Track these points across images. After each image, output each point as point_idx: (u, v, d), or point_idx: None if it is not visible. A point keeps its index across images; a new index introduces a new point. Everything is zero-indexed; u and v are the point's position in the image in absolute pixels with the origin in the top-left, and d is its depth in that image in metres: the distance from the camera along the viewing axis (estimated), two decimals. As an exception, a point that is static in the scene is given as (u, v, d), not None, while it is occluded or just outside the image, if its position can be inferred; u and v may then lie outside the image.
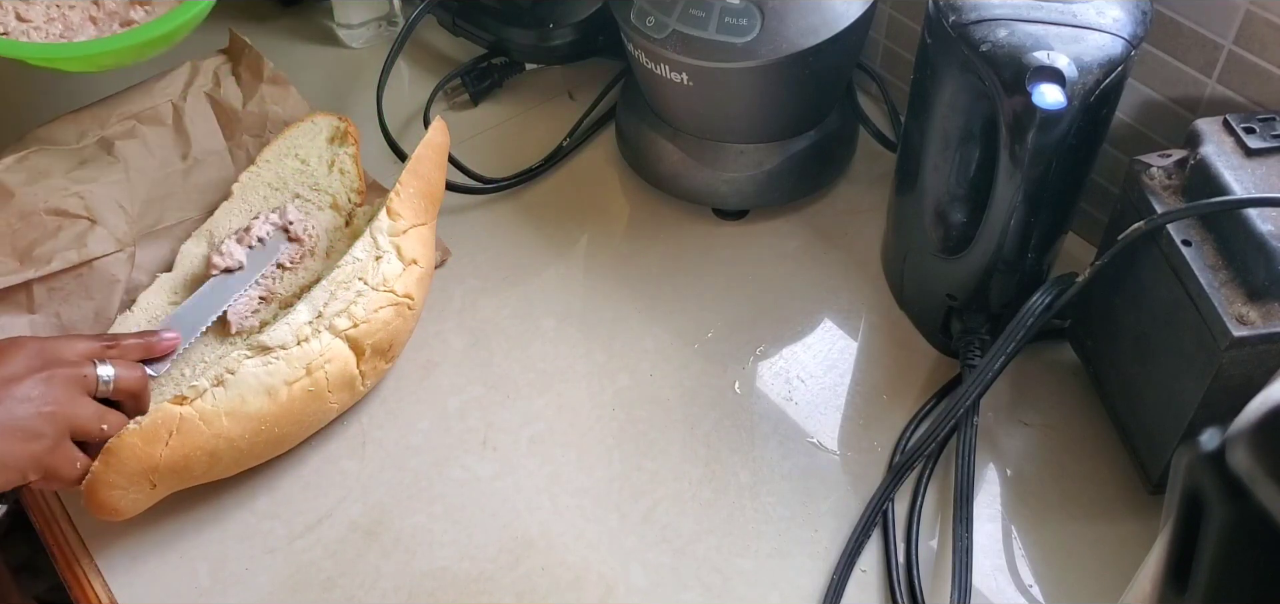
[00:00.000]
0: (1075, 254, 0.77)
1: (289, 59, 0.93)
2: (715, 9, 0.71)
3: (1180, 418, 0.59)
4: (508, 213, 0.83)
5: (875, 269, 0.79)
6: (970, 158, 0.65)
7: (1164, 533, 0.35)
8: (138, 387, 0.61)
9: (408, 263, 0.68)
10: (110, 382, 0.59)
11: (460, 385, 0.71)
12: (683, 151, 0.79)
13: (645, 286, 0.78)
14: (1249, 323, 0.54)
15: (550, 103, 0.93)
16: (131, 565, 0.62)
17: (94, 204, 0.71)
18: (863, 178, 0.86)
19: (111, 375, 0.59)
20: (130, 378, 0.60)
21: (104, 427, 0.58)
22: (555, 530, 0.64)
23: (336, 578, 0.62)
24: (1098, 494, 0.65)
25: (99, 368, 0.59)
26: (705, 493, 0.66)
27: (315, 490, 0.66)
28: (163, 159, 0.76)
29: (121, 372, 0.60)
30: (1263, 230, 0.55)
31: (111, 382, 0.59)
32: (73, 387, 0.57)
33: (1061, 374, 0.71)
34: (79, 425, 0.57)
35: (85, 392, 0.58)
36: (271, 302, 0.70)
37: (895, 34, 0.87)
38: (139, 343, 0.63)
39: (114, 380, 0.59)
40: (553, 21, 0.90)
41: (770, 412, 0.70)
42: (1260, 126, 0.59)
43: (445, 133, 0.74)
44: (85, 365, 0.58)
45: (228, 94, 0.81)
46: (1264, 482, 0.29)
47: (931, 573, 0.62)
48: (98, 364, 0.59)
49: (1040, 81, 0.58)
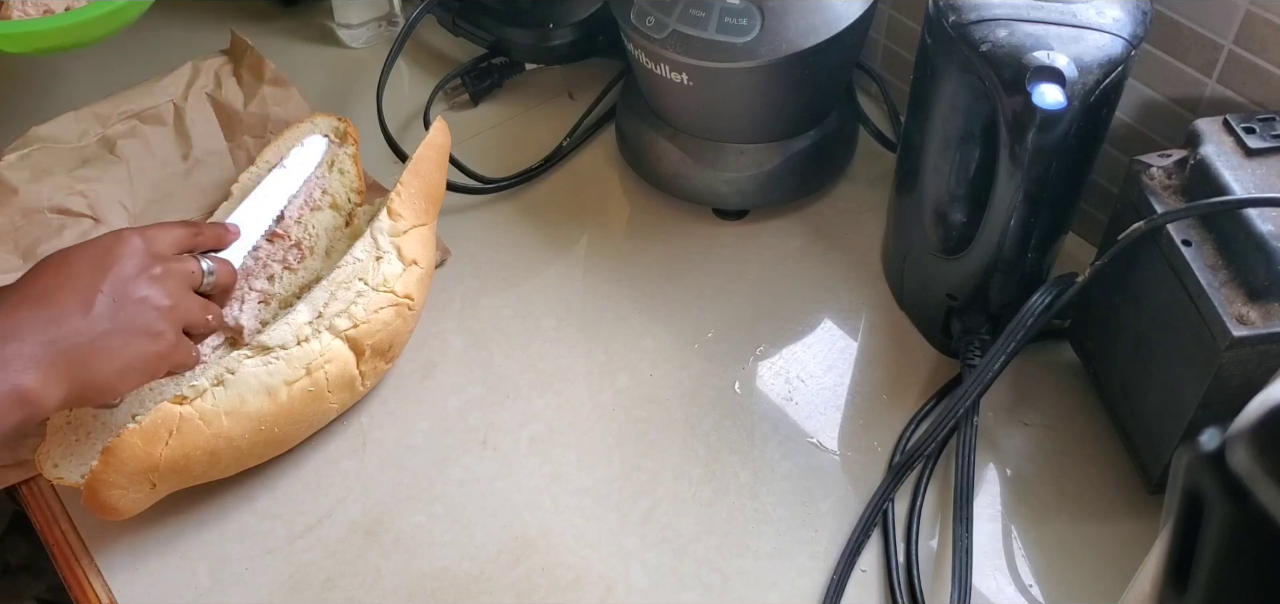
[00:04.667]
0: (1075, 254, 0.77)
1: (289, 59, 0.93)
2: (715, 9, 0.71)
3: (1180, 418, 0.59)
4: (508, 213, 0.83)
5: (875, 269, 0.79)
6: (970, 158, 0.65)
7: (1164, 533, 0.34)
8: (230, 279, 0.65)
9: (408, 263, 0.68)
10: (212, 274, 0.62)
11: (460, 385, 0.71)
12: (683, 151, 0.79)
13: (645, 287, 0.78)
14: (1249, 323, 0.54)
15: (550, 103, 0.93)
16: (131, 565, 0.62)
17: (97, 203, 0.72)
18: (863, 178, 0.86)
19: (213, 269, 0.63)
20: (226, 271, 0.65)
21: (209, 318, 0.62)
22: (555, 530, 0.64)
23: (336, 578, 0.62)
24: (1098, 494, 0.65)
25: (202, 262, 0.61)
26: (705, 493, 0.66)
27: (315, 490, 0.66)
28: (164, 159, 0.77)
29: (218, 266, 0.64)
30: (1263, 230, 0.55)
31: (213, 274, 0.62)
32: (184, 282, 0.60)
33: (1061, 374, 0.71)
34: (191, 320, 0.60)
35: (192, 287, 0.61)
36: (271, 302, 0.70)
37: (895, 34, 0.87)
38: (214, 230, 0.66)
39: (215, 274, 0.62)
40: (553, 21, 0.90)
41: (770, 412, 0.70)
42: (1260, 126, 0.59)
43: (446, 133, 0.74)
44: (187, 260, 0.61)
45: (229, 94, 0.81)
46: (1264, 482, 0.29)
47: (931, 573, 0.62)
48: (199, 258, 0.61)
49: (1040, 81, 0.58)
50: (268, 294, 0.70)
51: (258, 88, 0.81)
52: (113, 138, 0.75)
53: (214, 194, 0.77)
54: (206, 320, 0.62)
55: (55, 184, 0.71)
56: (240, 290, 0.70)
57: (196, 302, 0.61)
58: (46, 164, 0.73)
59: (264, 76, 0.82)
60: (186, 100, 0.79)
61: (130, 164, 0.74)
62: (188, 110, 0.78)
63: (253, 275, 0.71)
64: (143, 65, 0.83)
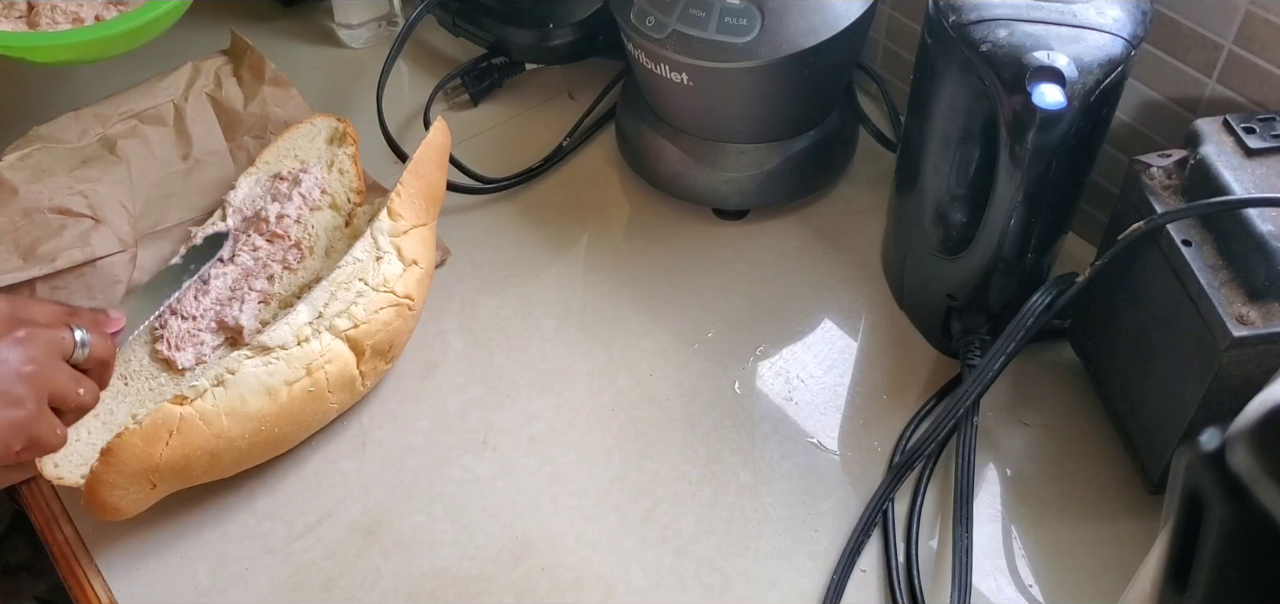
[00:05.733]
0: (1075, 254, 0.77)
1: (289, 59, 0.93)
2: (715, 9, 0.71)
3: (1180, 418, 0.59)
4: (508, 213, 0.83)
5: (875, 269, 0.79)
6: (970, 158, 0.65)
7: (1164, 533, 0.34)
8: (108, 354, 0.58)
9: (408, 263, 0.68)
10: (86, 345, 0.56)
11: (460, 385, 0.71)
12: (683, 151, 0.79)
13: (645, 286, 0.78)
14: (1249, 323, 0.54)
15: (550, 103, 0.93)
16: (131, 565, 0.62)
17: (98, 203, 0.71)
18: (863, 178, 0.86)
19: (87, 339, 0.56)
20: (103, 345, 0.57)
21: (81, 392, 0.55)
22: (555, 530, 0.64)
23: (336, 578, 0.62)
24: (1098, 494, 0.65)
25: (75, 331, 0.55)
26: (705, 493, 0.66)
27: (315, 490, 0.66)
28: (164, 159, 0.76)
29: (95, 337, 0.56)
30: (1263, 230, 0.55)
31: (87, 346, 0.56)
32: (51, 349, 0.54)
33: (1061, 374, 0.71)
34: (57, 390, 0.54)
35: (62, 355, 0.55)
36: (271, 302, 0.70)
37: (895, 34, 0.87)
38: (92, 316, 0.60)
39: (89, 345, 0.56)
40: (553, 21, 0.90)
41: (770, 412, 0.70)
42: (1260, 126, 0.59)
43: (446, 133, 0.74)
44: (60, 328, 0.55)
45: (229, 95, 0.81)
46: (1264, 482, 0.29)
47: (931, 573, 0.62)
48: (73, 327, 0.56)
49: (1040, 81, 0.58)
50: (268, 294, 0.70)
51: (258, 88, 0.81)
52: (113, 138, 0.75)
53: (213, 194, 0.77)
54: (77, 394, 0.54)
55: (55, 184, 0.71)
56: (240, 290, 0.70)
57: (67, 372, 0.54)
58: (46, 164, 0.73)
59: (264, 76, 0.82)
60: (186, 100, 0.79)
61: (130, 164, 0.74)
62: (188, 110, 0.78)
63: (253, 275, 0.71)
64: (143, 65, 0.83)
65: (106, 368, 0.58)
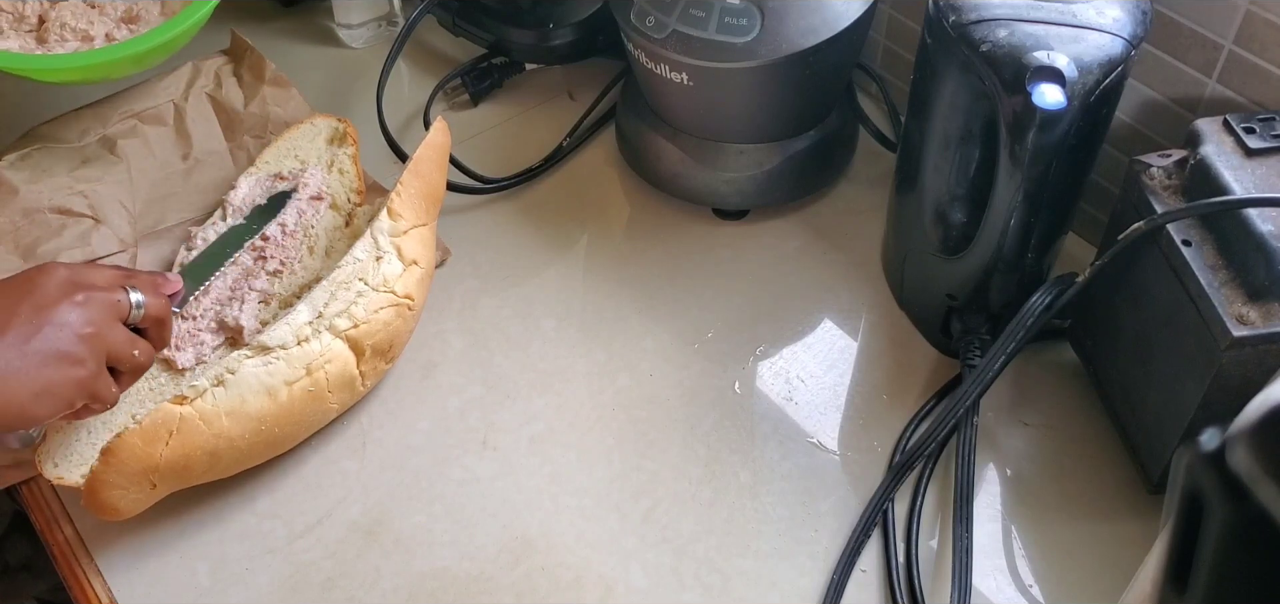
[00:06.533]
0: (1075, 254, 0.77)
1: (289, 59, 0.93)
2: (715, 9, 0.71)
3: (1180, 418, 0.59)
4: (508, 213, 0.83)
5: (875, 269, 0.79)
6: (970, 158, 0.65)
7: (1164, 533, 0.35)
8: (163, 314, 0.60)
9: (408, 263, 0.68)
10: (142, 307, 0.59)
11: (460, 385, 0.71)
12: (683, 151, 0.79)
13: (645, 286, 0.78)
14: (1249, 323, 0.54)
15: (550, 103, 0.93)
16: (131, 565, 0.62)
17: (98, 203, 0.72)
18: (863, 178, 0.86)
19: (142, 301, 0.59)
20: (158, 305, 0.60)
21: (135, 353, 0.58)
22: (555, 530, 0.64)
23: (336, 578, 0.62)
24: (1098, 494, 0.65)
25: (130, 294, 0.58)
26: (705, 493, 0.66)
27: (315, 490, 0.66)
28: (164, 159, 0.77)
29: (150, 298, 0.59)
30: (1263, 230, 0.55)
31: (143, 307, 0.59)
32: (108, 311, 0.57)
33: (1061, 374, 0.71)
34: (115, 350, 0.57)
35: (118, 317, 0.58)
36: (271, 302, 0.70)
37: (895, 34, 0.87)
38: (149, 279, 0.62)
39: (144, 307, 0.59)
40: (553, 21, 0.90)
41: (770, 412, 0.70)
42: (1260, 126, 0.59)
43: (447, 133, 0.74)
44: (116, 290, 0.58)
45: (229, 95, 0.81)
46: (1264, 482, 0.29)
47: (931, 573, 0.62)
48: (128, 290, 0.58)
49: (1040, 81, 0.58)
50: (268, 294, 0.70)
51: (258, 88, 0.81)
52: (113, 137, 0.75)
53: (213, 194, 0.77)
54: (133, 355, 0.58)
55: (55, 184, 0.71)
56: (240, 290, 0.70)
57: (123, 333, 0.57)
58: (46, 164, 0.73)
59: (264, 76, 0.82)
60: (187, 100, 0.79)
61: (130, 164, 0.74)
62: (188, 110, 0.78)
63: (253, 275, 0.71)
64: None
65: (163, 327, 0.61)
